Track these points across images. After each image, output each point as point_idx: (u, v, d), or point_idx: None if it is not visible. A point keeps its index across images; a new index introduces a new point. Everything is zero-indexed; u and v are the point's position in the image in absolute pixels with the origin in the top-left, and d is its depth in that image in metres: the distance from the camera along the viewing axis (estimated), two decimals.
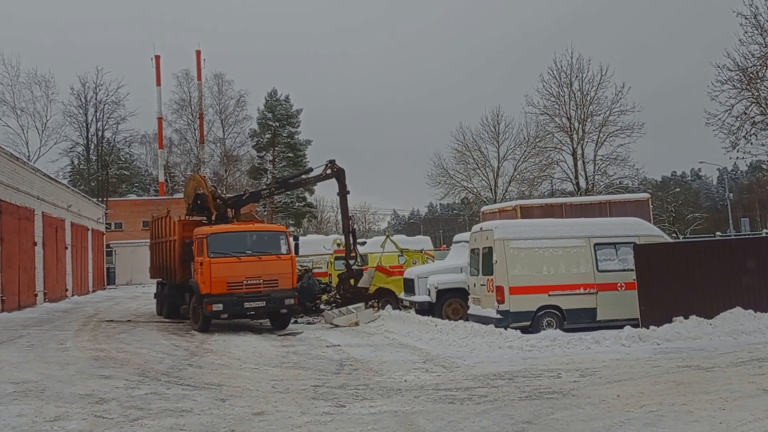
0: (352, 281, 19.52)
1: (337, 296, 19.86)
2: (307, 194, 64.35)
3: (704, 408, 7.19)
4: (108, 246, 43.19)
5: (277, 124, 62.74)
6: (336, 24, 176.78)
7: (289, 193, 57.19)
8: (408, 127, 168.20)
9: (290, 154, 62.44)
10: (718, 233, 51.89)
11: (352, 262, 19.74)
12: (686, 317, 12.76)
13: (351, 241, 19.87)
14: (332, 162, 19.72)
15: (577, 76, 38.84)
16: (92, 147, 57.20)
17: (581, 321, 13.85)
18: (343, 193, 19.71)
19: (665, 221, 59.80)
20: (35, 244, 24.44)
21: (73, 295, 29.96)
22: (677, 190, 71.99)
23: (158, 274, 21.29)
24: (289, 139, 63.19)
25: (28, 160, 38.03)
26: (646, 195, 23.72)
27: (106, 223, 42.30)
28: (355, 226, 22.21)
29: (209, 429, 6.79)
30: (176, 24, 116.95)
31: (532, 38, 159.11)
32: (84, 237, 34.09)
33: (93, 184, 54.18)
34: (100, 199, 44.89)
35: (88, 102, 55.50)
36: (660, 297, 13.13)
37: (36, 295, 24.20)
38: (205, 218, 18.93)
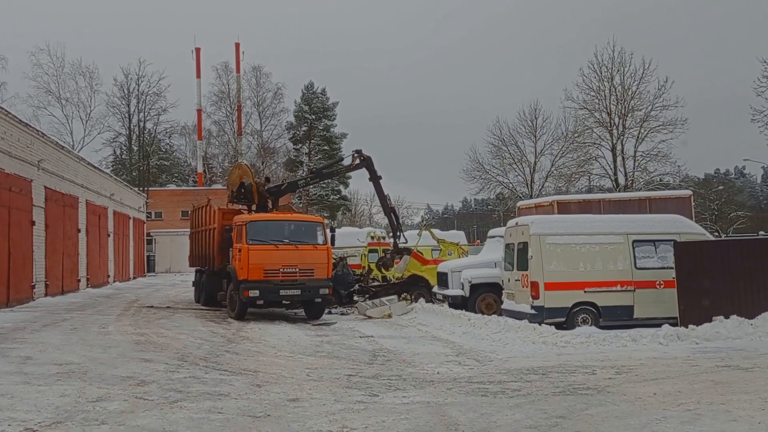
0: (396, 261, 20.01)
1: (387, 256, 20.38)
2: (341, 187, 64.72)
3: (743, 408, 7.05)
4: (148, 234, 44.17)
5: (314, 117, 63.20)
6: (373, 16, 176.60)
7: (324, 185, 57.62)
8: (440, 122, 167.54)
9: (326, 147, 62.82)
10: (761, 232, 50.41)
11: (398, 240, 20.22)
12: (726, 317, 12.51)
13: (394, 220, 20.15)
14: (359, 152, 19.97)
15: (618, 70, 38.12)
16: (134, 137, 58.55)
17: (618, 318, 13.68)
18: (374, 178, 19.92)
19: (707, 219, 58.47)
20: (79, 230, 25.15)
21: (114, 281, 30.81)
22: (720, 188, 70.10)
23: (197, 263, 21.72)
24: (325, 132, 63.63)
25: (73, 149, 39.04)
26: (688, 192, 23.16)
27: (146, 212, 43.24)
28: (394, 205, 22.37)
29: (246, 413, 6.93)
30: (216, 17, 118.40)
31: (573, 29, 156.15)
32: (125, 225, 34.95)
33: (134, 173, 55.46)
34: (141, 189, 45.92)
35: (131, 93, 56.85)
36: (700, 296, 12.89)
37: (79, 281, 24.93)
38: (245, 207, 19.30)
